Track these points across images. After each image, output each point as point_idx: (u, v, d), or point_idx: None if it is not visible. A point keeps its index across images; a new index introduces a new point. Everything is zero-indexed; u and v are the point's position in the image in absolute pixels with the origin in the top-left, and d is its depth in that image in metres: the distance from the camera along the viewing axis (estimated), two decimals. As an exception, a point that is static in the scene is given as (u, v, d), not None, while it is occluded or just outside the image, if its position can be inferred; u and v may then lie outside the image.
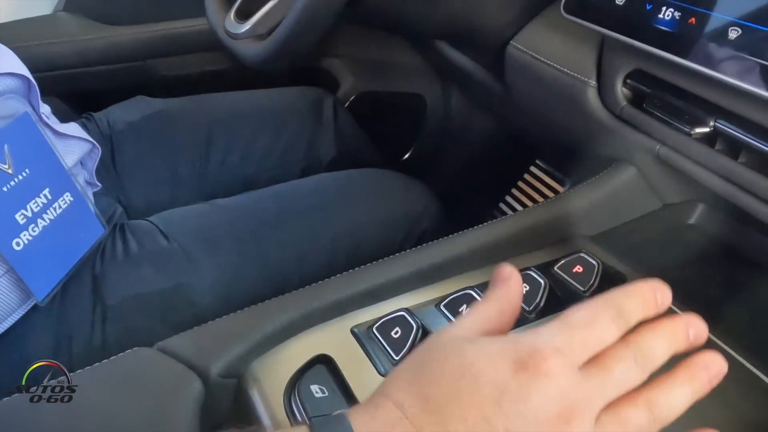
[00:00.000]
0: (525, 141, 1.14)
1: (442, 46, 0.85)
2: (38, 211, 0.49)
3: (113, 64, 0.88)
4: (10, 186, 0.47)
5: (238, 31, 0.59)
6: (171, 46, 0.91)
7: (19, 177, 0.48)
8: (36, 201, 0.49)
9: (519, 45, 0.64)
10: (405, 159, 1.32)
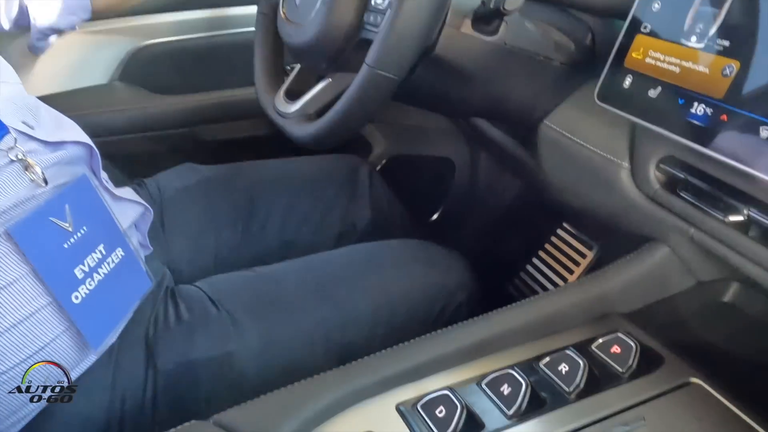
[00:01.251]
0: (552, 204, 1.17)
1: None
2: (94, 265, 0.52)
3: (162, 131, 0.93)
4: (70, 243, 0.50)
5: (288, 110, 0.64)
6: (216, 113, 0.96)
7: (77, 234, 0.51)
8: (92, 256, 0.52)
9: (552, 124, 0.67)
10: (433, 220, 1.35)
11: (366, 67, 0.50)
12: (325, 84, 0.62)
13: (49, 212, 0.47)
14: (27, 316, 0.46)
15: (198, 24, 1.00)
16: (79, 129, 0.56)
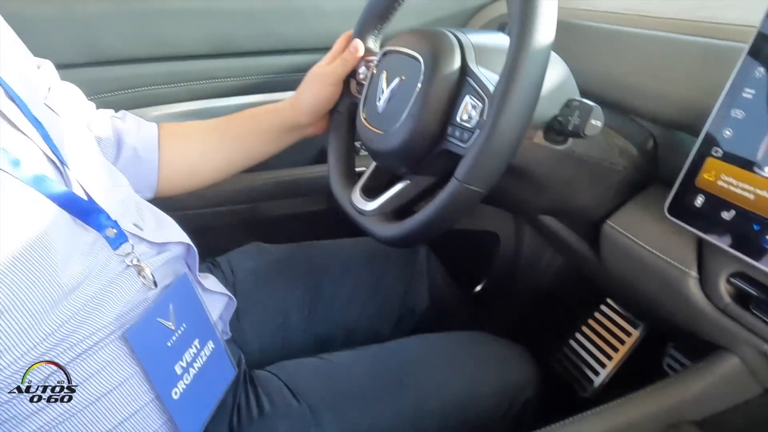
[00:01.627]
0: (596, 280, 1.18)
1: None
2: (190, 360, 0.55)
3: (227, 206, 0.98)
4: (173, 341, 0.53)
5: (365, 208, 0.67)
6: (277, 190, 1.01)
7: (178, 331, 0.54)
8: (189, 351, 0.55)
9: (616, 226, 0.69)
10: (476, 291, 1.37)
11: (455, 181, 0.53)
12: (404, 186, 0.65)
13: (156, 313, 0.51)
14: (132, 413, 0.49)
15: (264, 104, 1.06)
16: (176, 225, 0.61)
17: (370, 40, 0.76)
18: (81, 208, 0.47)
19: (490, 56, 0.60)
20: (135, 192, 0.73)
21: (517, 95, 0.49)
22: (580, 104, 0.55)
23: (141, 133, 0.75)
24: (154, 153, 0.75)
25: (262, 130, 0.80)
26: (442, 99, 0.58)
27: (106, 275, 0.48)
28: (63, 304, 0.43)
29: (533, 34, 0.49)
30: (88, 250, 0.47)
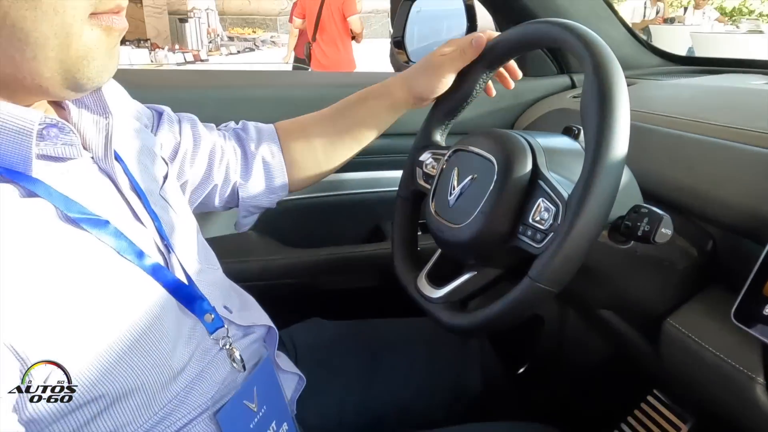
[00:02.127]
0: (643, 369, 1.16)
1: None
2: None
3: (288, 280, 1.02)
4: (254, 423, 0.55)
5: (432, 295, 0.70)
6: (336, 266, 1.05)
7: (260, 414, 0.56)
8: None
9: (677, 324, 0.70)
10: (519, 373, 1.36)
11: (529, 280, 0.56)
12: (470, 276, 0.68)
13: (243, 396, 0.54)
14: None
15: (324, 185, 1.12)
16: (258, 306, 0.64)
17: (437, 134, 0.82)
18: (187, 295, 0.51)
19: (560, 161, 0.64)
20: (268, 195, 0.80)
21: (594, 203, 0.53)
22: (649, 212, 0.58)
23: (263, 140, 0.79)
24: (279, 157, 0.79)
25: (373, 113, 0.81)
26: (514, 200, 0.62)
27: (203, 358, 0.51)
28: (171, 386, 0.46)
29: (610, 146, 0.53)
30: (190, 335, 0.51)
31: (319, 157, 0.82)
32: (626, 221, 0.60)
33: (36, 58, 0.39)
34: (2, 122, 0.39)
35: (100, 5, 0.40)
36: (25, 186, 0.41)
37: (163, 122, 0.72)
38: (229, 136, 0.79)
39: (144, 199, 0.53)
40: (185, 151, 0.73)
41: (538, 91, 1.14)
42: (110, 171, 0.50)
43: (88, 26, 0.40)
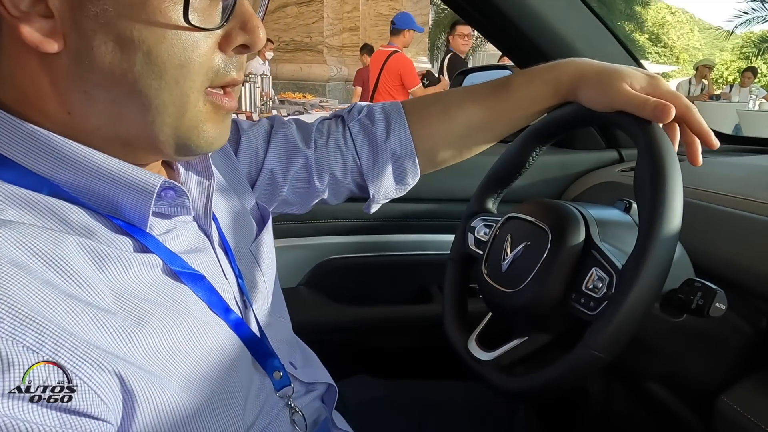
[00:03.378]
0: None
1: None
2: None
3: (337, 336, 1.05)
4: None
5: (482, 357, 0.72)
6: (386, 325, 1.08)
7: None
8: None
9: (732, 402, 0.69)
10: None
11: (583, 346, 0.58)
12: (522, 341, 0.70)
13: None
14: None
15: (374, 245, 1.17)
16: (319, 362, 0.67)
17: (489, 202, 0.85)
18: (260, 351, 0.54)
19: (613, 232, 0.66)
20: (398, 187, 0.76)
21: (648, 274, 0.55)
22: (702, 286, 0.59)
23: (392, 130, 0.73)
24: (410, 147, 0.73)
25: (533, 99, 0.72)
26: (567, 268, 0.64)
27: (268, 415, 0.53)
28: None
29: (664, 219, 0.56)
30: (259, 391, 0.53)
31: (457, 142, 0.76)
32: (679, 294, 0.62)
33: (155, 122, 0.44)
34: (129, 182, 0.44)
35: (216, 79, 0.45)
36: (139, 240, 0.46)
37: (245, 140, 0.70)
38: (354, 131, 0.74)
39: (231, 256, 0.57)
40: (272, 169, 0.71)
41: (585, 164, 1.17)
42: (207, 229, 0.54)
43: (202, 99, 0.45)
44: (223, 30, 0.45)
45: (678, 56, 36.50)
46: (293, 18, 8.83)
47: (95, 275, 0.41)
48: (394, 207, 1.13)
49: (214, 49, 0.45)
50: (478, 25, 1.08)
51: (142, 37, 0.41)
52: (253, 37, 0.46)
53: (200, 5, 0.43)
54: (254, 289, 0.59)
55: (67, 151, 0.43)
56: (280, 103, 6.76)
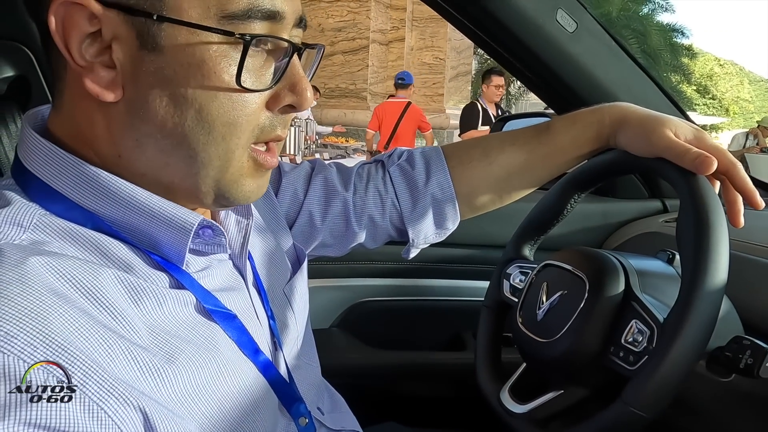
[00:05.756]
0: None
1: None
2: None
3: (368, 380, 1.03)
4: None
5: (515, 410, 0.69)
6: (417, 372, 1.05)
7: None
8: None
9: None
10: None
11: (621, 402, 0.55)
12: (557, 394, 0.67)
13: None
14: None
15: (408, 289, 1.16)
16: (347, 407, 0.65)
17: (526, 249, 0.84)
18: (287, 396, 0.53)
19: (654, 283, 0.64)
20: (438, 232, 0.76)
21: (692, 328, 0.52)
22: (752, 344, 0.56)
23: (432, 174, 0.73)
24: (450, 191, 0.73)
25: (576, 142, 0.71)
26: (606, 319, 0.62)
27: None
28: None
29: (709, 271, 0.53)
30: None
31: (497, 187, 0.75)
32: (727, 352, 0.58)
33: (198, 174, 0.45)
34: (169, 219, 0.45)
35: (262, 136, 0.47)
36: (175, 276, 0.46)
37: (286, 182, 0.71)
38: (394, 175, 0.74)
39: (264, 297, 0.57)
40: (310, 211, 0.72)
41: (627, 213, 1.14)
42: (242, 268, 0.55)
43: (246, 155, 0.46)
44: (272, 90, 0.46)
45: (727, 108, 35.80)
46: (339, 66, 9.13)
47: (130, 309, 0.41)
48: (430, 251, 1.11)
49: (262, 107, 0.46)
50: (518, 73, 1.09)
51: (195, 96, 0.43)
52: (300, 99, 0.47)
53: (253, 66, 0.44)
54: (285, 331, 0.59)
55: (112, 187, 0.44)
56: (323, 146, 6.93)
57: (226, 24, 0.42)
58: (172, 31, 0.41)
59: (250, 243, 0.57)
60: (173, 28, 0.41)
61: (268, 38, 0.44)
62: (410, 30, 9.93)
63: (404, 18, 9.65)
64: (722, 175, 0.63)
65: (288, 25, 0.46)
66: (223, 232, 0.50)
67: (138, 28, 0.41)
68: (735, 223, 0.62)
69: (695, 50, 20.74)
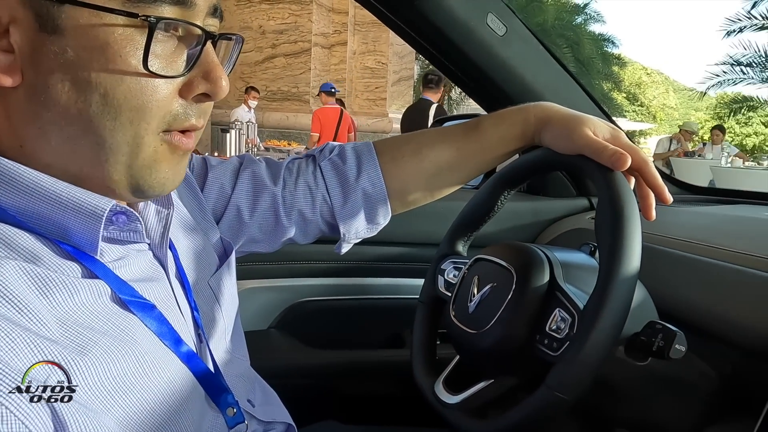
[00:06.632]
0: None
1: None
2: None
3: (308, 380, 1.03)
4: None
5: (448, 401, 0.71)
6: (358, 370, 1.06)
7: None
8: None
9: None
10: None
11: (545, 387, 0.57)
12: (488, 384, 0.69)
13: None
14: None
15: (348, 288, 1.16)
16: (279, 401, 0.65)
17: (459, 245, 0.86)
18: (214, 387, 0.52)
19: (577, 274, 0.67)
20: (369, 227, 0.76)
21: (608, 313, 0.55)
22: (663, 328, 0.60)
23: (363, 169, 0.74)
24: (381, 186, 0.74)
25: (504, 140, 0.74)
26: (532, 309, 0.64)
27: None
28: None
29: (623, 260, 0.57)
30: (211, 428, 0.51)
31: (428, 182, 0.76)
32: (642, 337, 0.62)
33: (108, 161, 0.44)
34: (77, 205, 0.44)
35: (174, 123, 0.46)
36: (87, 266, 0.45)
37: (213, 177, 0.71)
38: (325, 170, 0.75)
39: (187, 288, 0.56)
40: (238, 206, 0.71)
41: (557, 211, 1.19)
42: (163, 258, 0.53)
43: (158, 140, 0.45)
44: (185, 77, 0.45)
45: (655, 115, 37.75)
46: (281, 69, 9.02)
47: (38, 301, 0.40)
48: (369, 250, 1.13)
49: (175, 95, 0.45)
50: (452, 75, 1.12)
51: (100, 80, 0.41)
52: (215, 87, 0.46)
53: (163, 52, 0.43)
54: (211, 324, 0.58)
55: (14, 174, 0.42)
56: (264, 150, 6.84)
57: (130, 6, 0.41)
58: (73, 13, 0.40)
59: (174, 236, 0.56)
60: (74, 9, 0.40)
61: (177, 22, 0.43)
62: (353, 34, 9.94)
63: (346, 22, 9.65)
64: (636, 172, 0.67)
65: (200, 12, 0.45)
66: (138, 218, 0.48)
67: (36, 9, 0.40)
68: (647, 216, 0.67)
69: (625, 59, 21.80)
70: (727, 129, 14.31)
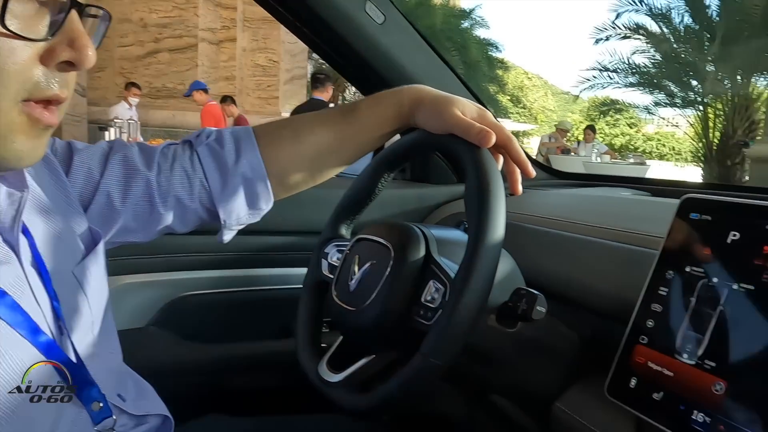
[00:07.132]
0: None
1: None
2: None
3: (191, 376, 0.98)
4: None
5: (331, 380, 0.71)
6: (243, 363, 1.03)
7: None
8: None
9: (564, 407, 0.75)
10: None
11: (419, 355, 0.59)
12: (369, 359, 0.70)
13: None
14: None
15: (233, 280, 1.13)
16: (156, 395, 0.62)
17: (342, 228, 0.86)
18: (75, 379, 0.49)
19: (450, 248, 0.70)
20: (251, 213, 0.74)
21: (475, 280, 0.58)
22: (526, 293, 0.65)
23: (242, 155, 0.73)
24: (261, 171, 0.73)
25: (380, 121, 0.75)
26: (409, 282, 0.66)
27: None
28: None
29: (487, 231, 0.60)
30: (72, 423, 0.48)
31: (308, 166, 0.77)
32: (509, 303, 0.66)
33: None
34: None
35: (36, 92, 0.43)
36: None
37: (78, 161, 0.67)
38: (202, 155, 0.73)
39: (45, 276, 0.52)
40: (108, 192, 0.68)
41: (440, 197, 1.24)
42: (14, 242, 0.49)
43: (17, 110, 0.42)
44: (47, 43, 0.43)
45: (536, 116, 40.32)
46: (166, 64, 8.61)
47: None
48: (253, 240, 1.11)
49: (35, 60, 0.43)
50: (334, 63, 1.13)
51: None
52: (80, 55, 0.44)
53: (22, 13, 0.41)
54: (75, 315, 0.54)
55: None
56: (149, 149, 6.53)
57: None
58: None
59: (31, 221, 0.52)
60: None
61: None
62: (242, 30, 9.69)
63: (235, 18, 9.40)
64: (502, 149, 0.71)
65: None
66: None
67: None
68: (514, 190, 0.71)
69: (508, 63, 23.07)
70: (597, 129, 15.64)
